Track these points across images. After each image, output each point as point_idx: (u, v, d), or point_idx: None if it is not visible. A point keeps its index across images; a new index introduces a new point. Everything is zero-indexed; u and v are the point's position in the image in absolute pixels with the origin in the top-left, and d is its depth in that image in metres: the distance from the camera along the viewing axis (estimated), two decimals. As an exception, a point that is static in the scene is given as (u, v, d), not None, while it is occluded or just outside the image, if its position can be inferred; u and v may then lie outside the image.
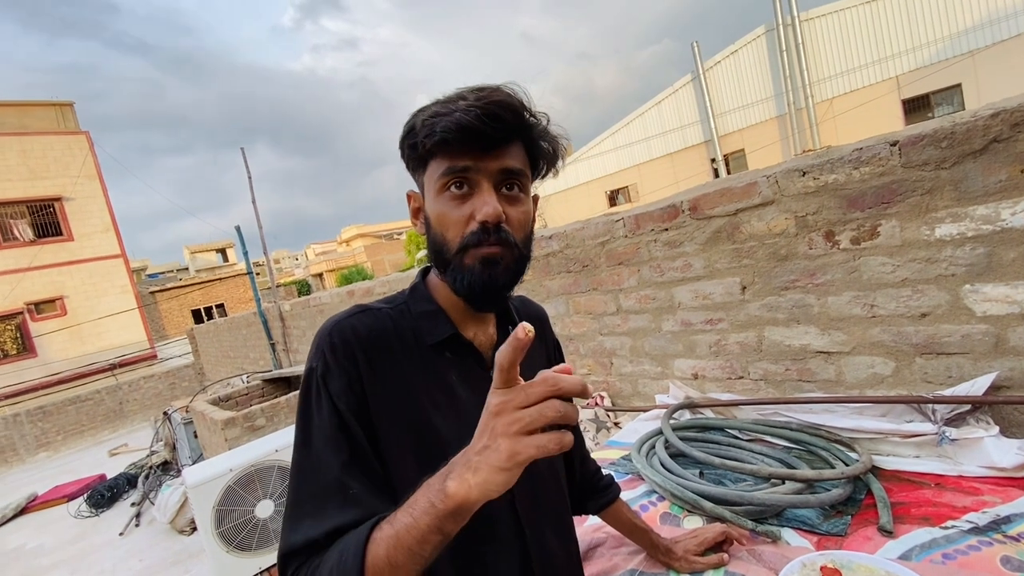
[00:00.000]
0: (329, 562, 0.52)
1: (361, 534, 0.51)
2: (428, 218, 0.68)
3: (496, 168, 0.63)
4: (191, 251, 34.31)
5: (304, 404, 0.65)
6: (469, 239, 0.63)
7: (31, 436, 10.73)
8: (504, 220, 0.63)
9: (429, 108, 0.63)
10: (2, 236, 13.12)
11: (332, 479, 0.59)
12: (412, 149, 0.66)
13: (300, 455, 0.63)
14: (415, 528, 0.47)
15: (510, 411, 0.44)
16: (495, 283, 0.64)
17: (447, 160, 0.63)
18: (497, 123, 0.60)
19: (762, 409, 1.65)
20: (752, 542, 1.09)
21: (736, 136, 14.74)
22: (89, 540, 5.00)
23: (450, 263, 0.65)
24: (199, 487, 3.02)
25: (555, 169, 0.73)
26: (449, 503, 0.45)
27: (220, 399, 5.36)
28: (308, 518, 0.58)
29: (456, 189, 0.64)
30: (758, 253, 1.61)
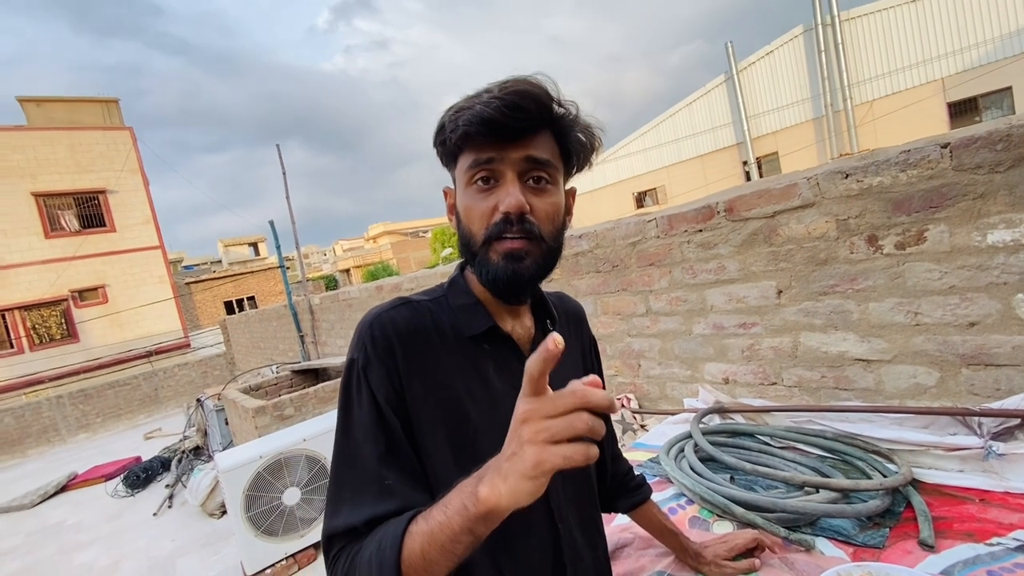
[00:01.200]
0: (368, 549, 0.55)
1: (399, 526, 0.53)
2: (458, 211, 0.69)
3: (520, 157, 0.63)
4: (224, 244, 35.35)
5: (345, 395, 0.67)
6: (493, 231, 0.64)
7: (72, 418, 11.23)
8: (529, 211, 0.63)
9: (457, 104, 0.64)
10: (51, 226, 13.74)
11: (370, 470, 0.61)
12: (442, 146, 0.67)
13: (341, 444, 0.66)
14: (448, 527, 0.49)
15: (537, 419, 0.44)
16: (520, 277, 0.64)
17: (472, 153, 0.64)
18: (519, 113, 0.60)
19: (796, 416, 1.61)
20: (784, 550, 1.07)
21: (769, 139, 14.41)
22: (125, 519, 5.20)
23: (476, 256, 0.66)
24: (230, 472, 3.11)
25: (590, 162, 0.72)
26: (480, 507, 0.46)
27: (251, 388, 5.51)
28: (347, 504, 0.61)
29: (483, 183, 0.64)
30: (796, 256, 1.57)
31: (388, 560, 0.51)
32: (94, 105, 15.56)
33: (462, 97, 0.65)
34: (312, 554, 3.39)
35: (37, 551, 4.90)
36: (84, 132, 14.48)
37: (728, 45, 14.50)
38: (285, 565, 3.29)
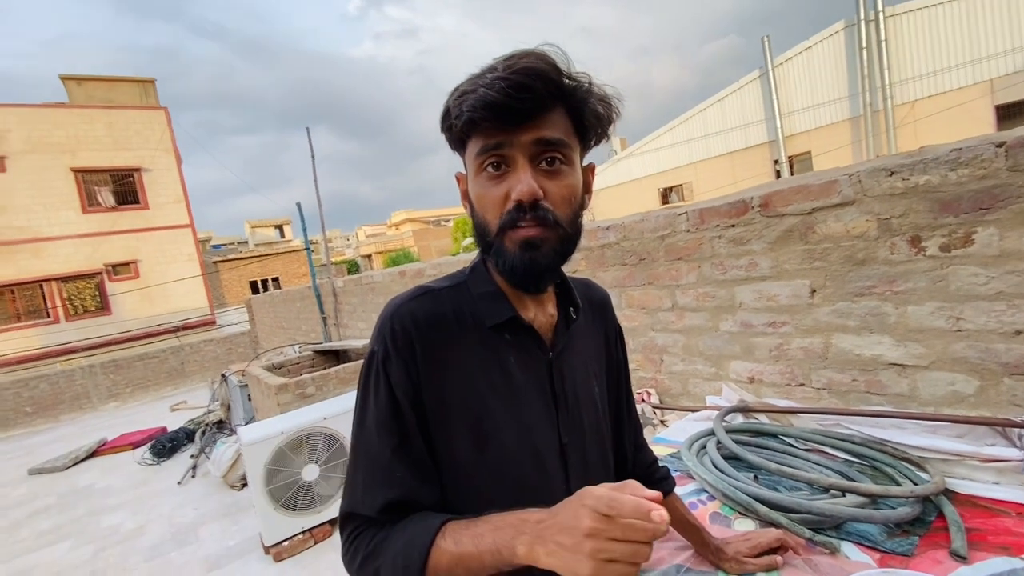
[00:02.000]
0: (393, 546, 0.59)
1: (427, 537, 0.56)
2: (471, 199, 0.67)
3: (530, 140, 0.59)
4: (251, 226, 36.05)
5: (364, 385, 0.68)
6: (506, 220, 0.61)
7: (104, 386, 11.65)
8: (543, 196, 0.60)
9: (461, 87, 0.61)
10: (88, 201, 14.19)
11: (382, 461, 0.64)
12: (449, 132, 0.65)
13: (357, 433, 0.68)
14: (476, 559, 0.53)
15: (603, 539, 0.46)
16: (536, 265, 0.62)
17: (480, 139, 0.61)
18: (525, 93, 0.56)
19: (823, 419, 1.58)
20: (808, 551, 1.05)
21: (803, 137, 14.02)
22: (150, 486, 5.39)
23: (492, 245, 0.64)
24: (253, 446, 3.19)
25: (607, 134, 0.68)
26: (513, 561, 0.51)
27: (274, 366, 5.64)
28: (361, 489, 0.64)
29: (493, 169, 0.62)
30: (832, 255, 1.53)
31: (414, 565, 0.55)
32: (132, 85, 15.94)
33: (467, 77, 0.61)
34: (328, 530, 3.47)
35: (69, 511, 5.12)
36: (121, 111, 14.86)
37: (764, 40, 14.11)
38: (302, 539, 3.37)
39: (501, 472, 0.66)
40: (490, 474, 0.66)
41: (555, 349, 0.72)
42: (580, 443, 0.73)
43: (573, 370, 0.74)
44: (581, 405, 0.74)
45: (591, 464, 0.76)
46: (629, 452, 0.96)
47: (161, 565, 3.61)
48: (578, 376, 0.75)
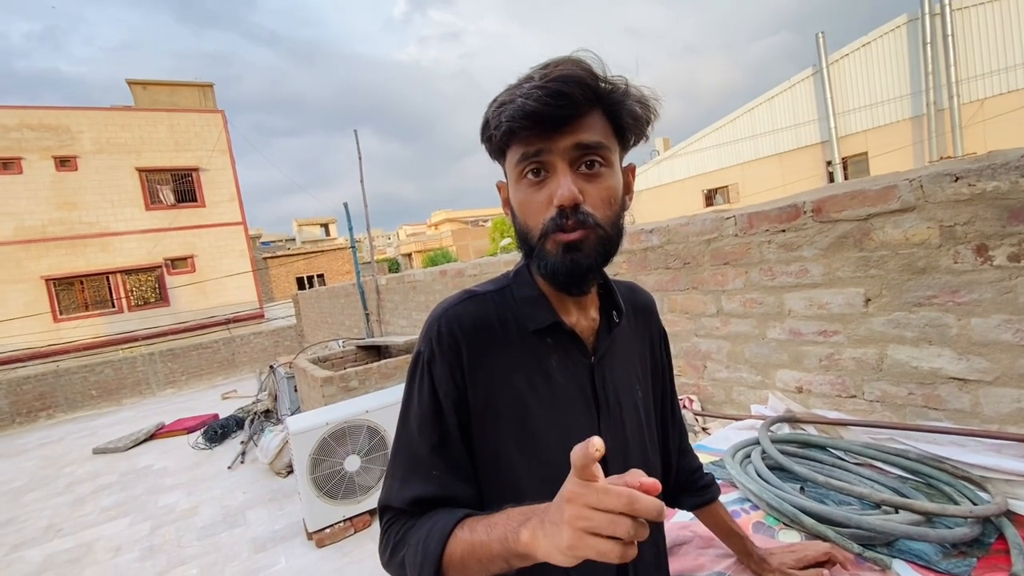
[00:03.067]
0: (418, 535, 0.61)
1: (446, 525, 0.58)
2: (512, 206, 0.69)
3: (569, 146, 0.60)
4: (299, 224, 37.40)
5: (409, 384, 0.71)
6: (549, 225, 0.62)
7: (162, 374, 12.37)
8: (583, 200, 0.61)
9: (499, 97, 0.62)
10: (150, 199, 15.08)
11: (421, 458, 0.67)
12: (488, 142, 0.67)
13: (400, 429, 0.72)
14: (486, 548, 0.53)
15: (580, 505, 0.44)
16: (578, 267, 0.63)
17: (520, 147, 0.62)
18: (562, 100, 0.58)
19: (876, 433, 1.52)
20: (857, 567, 1.02)
21: (859, 138, 13.38)
22: (203, 469, 5.69)
23: (534, 249, 0.66)
24: (299, 435, 3.33)
25: (646, 135, 0.69)
26: (517, 547, 0.50)
27: (319, 359, 5.85)
28: (399, 483, 0.68)
29: (533, 176, 0.63)
30: (889, 263, 1.48)
31: (432, 554, 0.57)
32: (191, 89, 16.84)
33: (505, 88, 0.63)
34: (367, 519, 3.58)
35: (129, 489, 5.47)
36: (182, 114, 15.72)
37: (819, 36, 13.55)
38: (343, 527, 3.49)
39: (543, 473, 0.67)
40: (532, 475, 0.67)
41: (597, 353, 0.73)
42: (621, 447, 0.74)
43: (615, 374, 0.75)
44: (623, 409, 0.75)
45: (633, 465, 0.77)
46: (674, 457, 0.96)
47: (212, 544, 3.82)
48: (620, 381, 0.76)
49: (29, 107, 13.72)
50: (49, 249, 13.64)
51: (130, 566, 3.70)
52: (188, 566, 3.55)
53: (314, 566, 3.25)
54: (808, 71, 14.13)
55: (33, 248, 13.45)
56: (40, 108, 13.85)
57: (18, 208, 13.36)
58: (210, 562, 3.55)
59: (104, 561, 3.86)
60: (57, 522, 4.87)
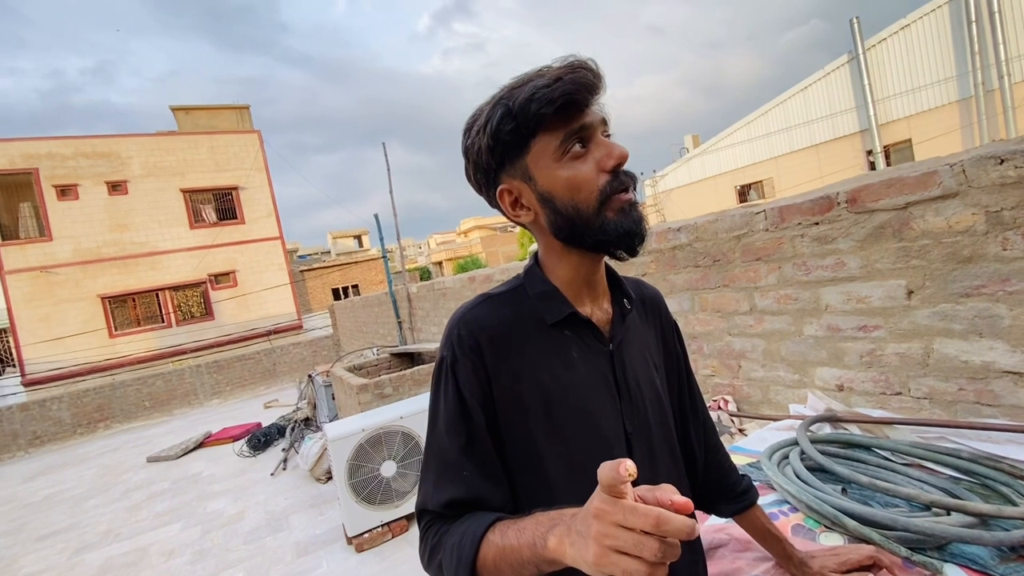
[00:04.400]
0: (452, 539, 0.62)
1: (478, 531, 0.59)
2: (548, 194, 0.67)
3: (600, 119, 0.67)
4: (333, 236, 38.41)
5: (435, 389, 0.73)
6: (607, 189, 0.65)
7: (208, 385, 12.88)
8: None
9: (521, 91, 0.64)
10: (194, 218, 15.79)
11: (451, 459, 0.68)
12: (512, 133, 0.65)
13: (430, 433, 0.73)
14: (517, 553, 0.54)
15: (607, 523, 0.43)
16: (642, 223, 0.67)
17: (563, 123, 0.64)
18: (596, 77, 0.64)
19: (924, 431, 1.45)
20: (905, 572, 0.97)
21: (901, 124, 12.80)
22: (248, 475, 5.89)
23: (590, 224, 0.66)
24: (337, 441, 3.41)
25: None
26: (545, 553, 0.50)
27: (354, 367, 5.98)
28: (432, 486, 0.69)
29: (580, 147, 0.66)
30: (932, 253, 1.41)
31: (466, 557, 0.58)
32: (229, 111, 17.60)
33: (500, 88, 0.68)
34: (404, 524, 3.63)
35: (181, 495, 5.71)
36: (221, 136, 16.43)
37: (854, 21, 13.06)
38: (381, 532, 3.55)
39: (571, 462, 0.68)
40: (560, 464, 0.68)
41: (614, 341, 0.74)
42: (645, 433, 0.74)
43: (633, 361, 0.76)
44: (644, 395, 0.75)
45: (657, 454, 0.76)
46: (698, 451, 0.92)
47: (258, 548, 3.94)
48: (639, 367, 0.77)
49: (83, 136, 14.61)
50: (104, 269, 14.45)
51: (182, 569, 3.86)
52: (235, 570, 3.67)
53: (354, 570, 3.31)
54: (843, 58, 13.64)
55: (90, 268, 14.28)
56: (93, 137, 14.74)
57: (75, 231, 14.22)
58: (256, 565, 3.67)
59: (158, 565, 4.04)
60: (115, 527, 5.13)
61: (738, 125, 16.39)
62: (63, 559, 4.58)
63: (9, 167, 13.66)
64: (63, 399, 11.40)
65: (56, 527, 5.54)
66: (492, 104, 0.67)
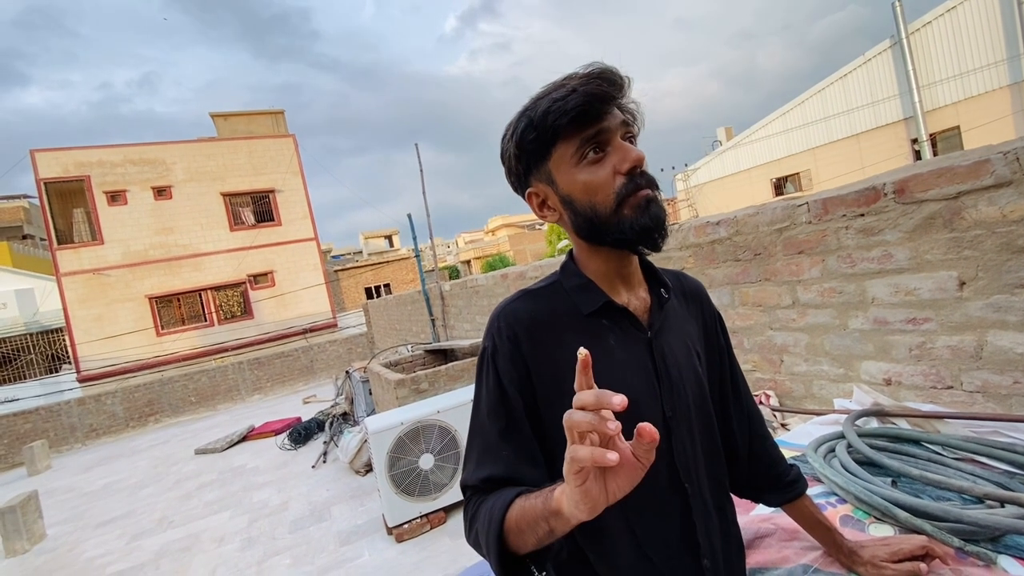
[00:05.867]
0: (487, 505, 0.67)
1: (509, 496, 0.63)
2: (569, 197, 0.73)
3: (619, 122, 0.70)
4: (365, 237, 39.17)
5: (478, 377, 0.78)
6: (623, 191, 0.69)
7: (249, 381, 13.38)
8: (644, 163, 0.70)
9: (541, 103, 0.70)
10: (234, 220, 16.38)
11: (491, 441, 0.73)
12: (535, 142, 0.72)
13: (474, 418, 0.78)
14: (533, 510, 0.58)
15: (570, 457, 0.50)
16: (660, 220, 0.70)
17: (578, 132, 0.69)
18: (612, 85, 0.68)
19: (977, 426, 1.42)
20: (958, 563, 0.97)
21: (949, 111, 12.23)
22: (290, 468, 6.11)
23: (608, 223, 0.71)
24: (378, 434, 3.52)
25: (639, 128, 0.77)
26: (550, 504, 0.55)
27: (390, 364, 6.12)
28: (474, 465, 0.74)
29: (595, 153, 0.70)
30: (985, 243, 1.38)
31: (496, 520, 0.62)
32: (266, 117, 18.16)
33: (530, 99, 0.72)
34: (442, 516, 3.71)
35: (227, 486, 5.97)
36: (259, 141, 16.97)
37: (896, 4, 12.53)
38: (419, 523, 3.64)
39: None
40: None
41: (652, 328, 0.77)
42: (685, 417, 0.76)
43: (673, 348, 0.78)
44: (684, 381, 0.77)
45: (697, 439, 0.78)
46: (740, 439, 0.93)
47: (303, 537, 4.10)
48: (680, 354, 0.79)
49: (131, 144, 15.34)
50: (151, 271, 15.14)
51: (232, 555, 4.05)
52: (282, 556, 3.83)
53: (395, 560, 3.42)
54: (885, 43, 13.11)
55: (138, 270, 14.99)
56: (140, 145, 15.45)
57: (125, 235, 14.95)
58: (301, 553, 3.82)
59: (210, 550, 4.25)
60: (169, 515, 5.41)
61: (773, 116, 15.95)
62: (122, 544, 4.86)
63: (64, 175, 14.45)
64: (116, 394, 12.04)
65: (114, 514, 5.87)
66: (519, 114, 0.73)
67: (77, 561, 4.71)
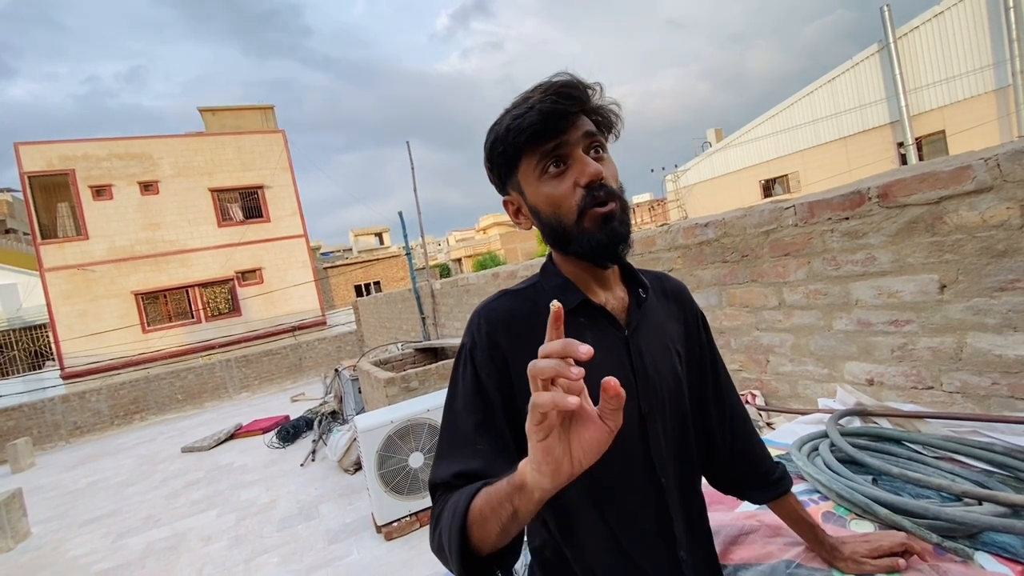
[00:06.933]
0: (452, 500, 0.64)
1: (475, 486, 0.61)
2: (535, 208, 0.76)
3: (580, 135, 0.71)
4: (354, 234, 38.91)
5: (454, 372, 0.79)
6: (583, 203, 0.71)
7: (237, 378, 13.26)
8: (605, 176, 0.71)
9: (504, 119, 0.72)
10: (222, 216, 16.21)
11: (466, 434, 0.71)
12: (503, 156, 0.74)
13: (447, 411, 0.77)
14: (497, 494, 0.55)
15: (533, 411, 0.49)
16: (617, 234, 0.72)
17: (538, 147, 0.71)
18: (570, 99, 0.69)
19: (957, 426, 1.45)
20: (936, 558, 0.99)
21: (934, 115, 12.43)
22: (278, 466, 6.07)
23: (571, 235, 0.73)
24: (367, 432, 3.51)
25: (616, 133, 0.79)
26: (514, 479, 0.53)
27: (380, 362, 6.10)
28: (445, 461, 0.71)
29: (555, 167, 0.72)
30: (966, 247, 1.41)
31: (460, 509, 0.60)
32: (254, 112, 17.97)
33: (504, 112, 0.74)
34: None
35: (215, 484, 5.92)
36: (247, 136, 16.80)
37: (884, 9, 12.70)
38: (409, 521, 3.64)
39: None
40: None
41: (630, 327, 0.79)
42: (660, 414, 0.78)
43: (651, 346, 0.80)
44: (661, 379, 0.79)
45: (672, 436, 0.79)
46: (720, 438, 0.94)
47: (291, 535, 4.08)
48: (657, 352, 0.80)
49: (117, 138, 15.11)
50: (137, 266, 14.94)
51: (219, 554, 4.02)
52: (270, 555, 3.81)
53: (384, 558, 3.42)
54: (873, 48, 13.29)
55: (124, 266, 14.79)
56: (126, 139, 15.23)
57: (110, 230, 14.73)
58: (290, 551, 3.80)
59: (197, 549, 4.21)
60: (155, 513, 5.36)
61: (762, 119, 16.10)
62: (107, 543, 4.81)
63: (48, 168, 14.21)
64: (101, 391, 11.87)
65: (99, 513, 5.80)
66: (489, 128, 0.76)
67: (62, 559, 4.65)
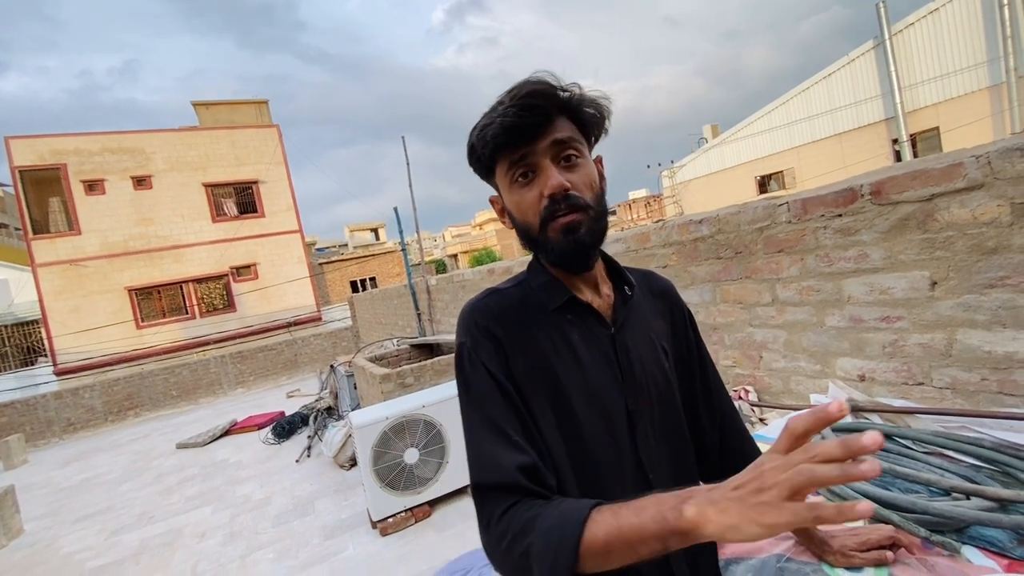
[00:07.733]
0: (547, 522, 0.59)
1: (581, 511, 0.58)
2: (510, 212, 0.78)
3: (547, 145, 0.71)
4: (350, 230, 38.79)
5: (462, 374, 0.76)
6: (545, 214, 0.72)
7: (232, 374, 13.21)
8: (570, 187, 0.71)
9: (479, 123, 0.73)
10: (216, 211, 16.11)
11: (498, 430, 0.70)
12: (478, 162, 0.77)
13: (468, 413, 0.74)
14: (640, 529, 0.53)
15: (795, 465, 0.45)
16: (581, 245, 0.73)
17: (506, 157, 0.73)
18: (534, 111, 0.69)
19: (946, 421, 1.46)
20: (924, 552, 1.00)
21: (929, 112, 12.47)
22: (273, 462, 6.07)
23: (538, 241, 0.75)
24: (363, 428, 3.51)
25: (605, 129, 0.79)
26: (682, 524, 0.50)
27: (375, 358, 6.10)
28: (488, 459, 0.68)
29: (523, 178, 0.73)
30: (956, 244, 1.42)
31: (570, 538, 0.56)
32: (249, 106, 17.83)
33: (482, 115, 0.74)
34: (427, 510, 3.72)
35: (210, 480, 5.91)
36: (241, 130, 16.67)
37: (880, 6, 12.72)
38: (404, 516, 3.65)
39: (578, 435, 0.73)
40: (568, 438, 0.73)
41: (616, 324, 0.80)
42: (648, 410, 0.78)
43: (637, 343, 0.80)
44: (647, 375, 0.79)
45: (661, 432, 0.80)
46: (708, 433, 0.93)
47: (286, 531, 4.08)
48: (643, 348, 0.81)
49: (110, 133, 14.96)
50: (130, 262, 14.84)
51: (214, 550, 4.02)
52: (266, 551, 3.82)
53: (379, 553, 3.42)
54: (868, 44, 13.31)
55: (117, 261, 14.69)
56: (118, 133, 15.09)
57: (103, 225, 14.62)
58: (285, 547, 3.81)
59: (192, 545, 4.21)
60: (149, 510, 5.34)
61: (758, 115, 16.12)
62: (101, 539, 4.80)
63: (39, 163, 14.07)
64: (95, 388, 11.80)
65: (93, 509, 5.78)
66: (472, 130, 0.76)
67: (56, 556, 4.64)
